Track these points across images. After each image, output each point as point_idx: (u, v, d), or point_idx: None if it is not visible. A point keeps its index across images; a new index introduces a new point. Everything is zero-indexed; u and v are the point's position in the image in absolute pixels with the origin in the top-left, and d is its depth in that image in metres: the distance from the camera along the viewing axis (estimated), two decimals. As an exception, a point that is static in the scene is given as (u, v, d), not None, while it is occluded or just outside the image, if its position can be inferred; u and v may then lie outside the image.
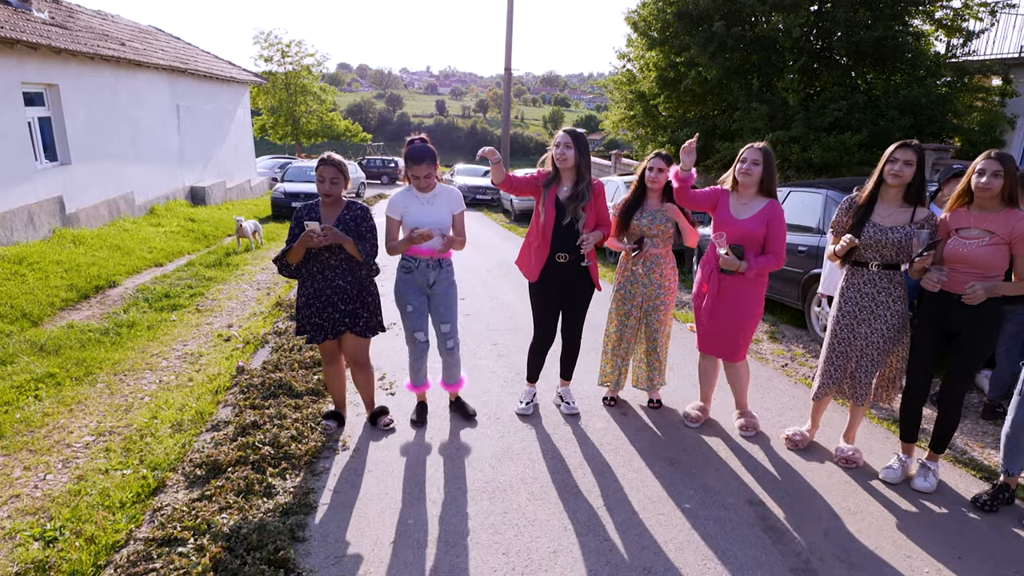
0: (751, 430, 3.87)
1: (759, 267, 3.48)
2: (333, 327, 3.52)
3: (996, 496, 3.10)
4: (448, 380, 3.95)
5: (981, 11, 9.74)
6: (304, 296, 3.52)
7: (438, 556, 2.68)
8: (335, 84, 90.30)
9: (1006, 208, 2.91)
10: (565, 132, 3.70)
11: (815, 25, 9.86)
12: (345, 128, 32.38)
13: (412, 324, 3.72)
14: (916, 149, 3.07)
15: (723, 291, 3.63)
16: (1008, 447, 3.06)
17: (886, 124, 8.87)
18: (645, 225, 3.84)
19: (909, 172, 3.06)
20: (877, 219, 3.18)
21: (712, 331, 3.74)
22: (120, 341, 5.54)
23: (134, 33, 14.05)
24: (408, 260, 3.63)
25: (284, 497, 3.04)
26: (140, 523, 2.86)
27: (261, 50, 28.76)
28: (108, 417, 4.08)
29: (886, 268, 3.21)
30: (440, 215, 3.56)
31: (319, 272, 3.45)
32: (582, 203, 3.63)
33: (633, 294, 3.97)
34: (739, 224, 3.52)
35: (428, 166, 3.44)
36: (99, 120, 10.96)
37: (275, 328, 5.72)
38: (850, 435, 3.58)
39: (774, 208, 3.51)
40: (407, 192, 3.59)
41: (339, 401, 3.86)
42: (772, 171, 3.53)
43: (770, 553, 2.74)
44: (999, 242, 2.88)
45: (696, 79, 10.30)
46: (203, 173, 15.59)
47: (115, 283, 7.65)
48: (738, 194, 3.61)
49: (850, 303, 3.33)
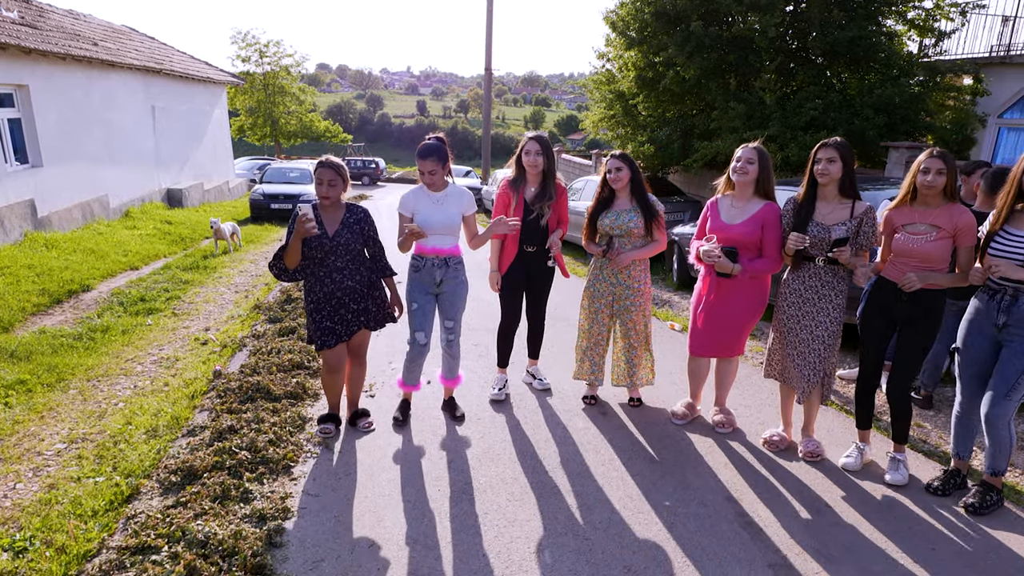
0: (728, 427, 3.91)
1: (753, 270, 3.49)
2: (347, 328, 3.53)
3: (948, 481, 3.21)
4: (447, 375, 3.97)
5: (952, 11, 9.92)
6: (312, 302, 3.49)
7: (418, 559, 2.66)
8: (314, 84, 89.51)
9: (948, 203, 3.05)
10: (534, 140, 3.88)
11: (791, 25, 9.97)
12: (325, 129, 32.11)
13: (415, 323, 3.73)
14: (836, 146, 3.23)
15: (721, 293, 3.62)
16: (956, 430, 3.22)
17: (861, 123, 8.99)
18: (608, 225, 3.87)
19: (834, 168, 3.22)
20: (819, 217, 3.32)
21: (709, 332, 3.72)
22: (94, 346, 5.43)
23: (107, 33, 13.80)
24: (416, 259, 3.67)
25: (262, 502, 3.00)
26: (113, 531, 2.80)
27: (239, 50, 28.43)
28: (81, 424, 4.00)
29: (831, 263, 3.33)
30: (449, 214, 3.59)
31: (326, 276, 3.43)
32: (548, 201, 3.93)
33: (601, 292, 4.00)
34: (731, 229, 3.52)
35: (433, 162, 3.48)
36: (71, 121, 10.75)
37: (253, 331, 5.65)
38: (809, 428, 3.65)
39: (771, 210, 3.48)
40: (419, 190, 3.63)
41: (335, 404, 3.80)
42: (768, 171, 3.53)
43: (749, 549, 2.76)
44: (945, 236, 3.03)
45: (674, 79, 10.37)
46: (180, 175, 15.36)
47: (89, 287, 7.51)
48: (734, 196, 3.60)
49: (794, 294, 3.44)
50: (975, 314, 3.07)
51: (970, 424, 3.17)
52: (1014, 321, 2.88)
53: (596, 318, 4.05)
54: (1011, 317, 2.89)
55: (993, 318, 2.96)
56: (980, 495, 3.08)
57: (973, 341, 3.07)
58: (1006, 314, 2.90)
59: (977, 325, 3.05)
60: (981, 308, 3.04)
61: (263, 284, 8.02)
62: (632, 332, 4.01)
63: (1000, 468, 3.06)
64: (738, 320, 3.67)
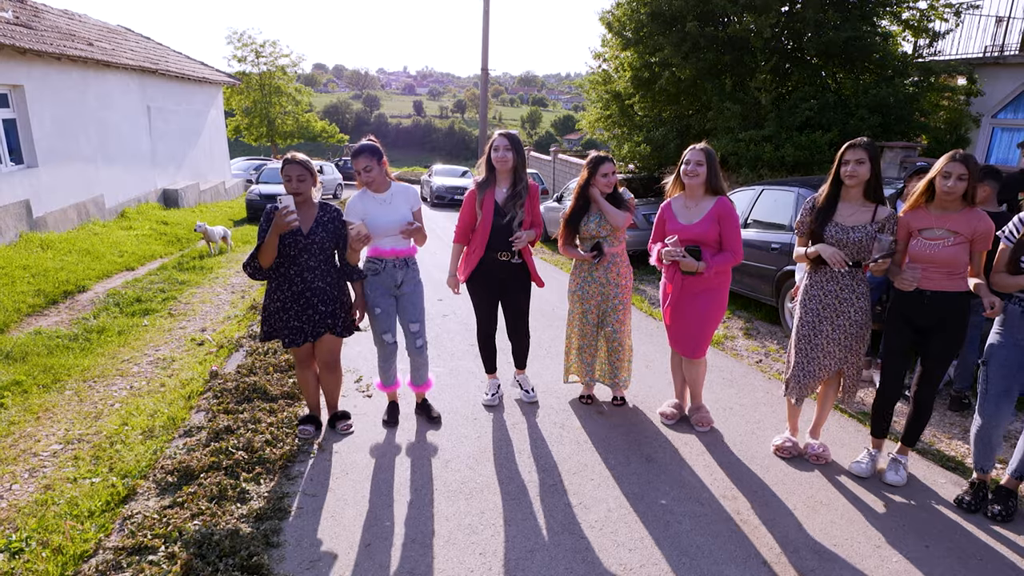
0: (704, 425, 3.91)
1: (717, 265, 3.52)
2: (313, 329, 3.47)
3: (977, 495, 3.09)
4: (416, 381, 3.93)
5: (946, 12, 9.97)
6: (279, 300, 3.43)
7: (415, 557, 2.67)
8: (311, 85, 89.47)
9: (967, 208, 2.97)
10: (503, 136, 3.77)
11: (786, 26, 10.00)
12: (322, 129, 32.07)
13: (380, 326, 3.71)
14: (865, 147, 3.10)
15: (686, 290, 3.67)
16: (979, 445, 3.08)
17: (856, 123, 9.03)
18: (593, 228, 3.85)
19: (863, 170, 3.10)
20: (839, 219, 3.22)
21: (677, 329, 3.79)
22: (90, 347, 5.42)
23: (102, 33, 13.77)
24: (374, 262, 3.61)
25: (258, 502, 3.00)
26: (109, 532, 2.80)
27: (234, 50, 28.33)
28: (77, 425, 3.99)
29: (850, 266, 3.23)
30: (401, 213, 3.57)
31: (297, 275, 3.39)
32: (520, 201, 3.78)
33: (590, 294, 3.97)
34: (691, 229, 3.57)
35: (366, 158, 3.48)
36: (67, 122, 10.72)
37: (249, 332, 5.65)
38: (816, 431, 3.63)
39: (723, 205, 3.56)
40: (363, 195, 3.58)
41: (314, 405, 3.81)
42: (716, 169, 3.59)
43: (745, 547, 2.77)
44: (963, 241, 2.94)
45: (670, 79, 10.39)
46: (176, 175, 15.33)
47: (85, 288, 7.49)
48: (686, 196, 3.66)
49: (814, 301, 3.34)
50: (1004, 326, 2.95)
51: (993, 439, 3.04)
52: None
53: (586, 319, 4.03)
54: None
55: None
56: (1004, 501, 3.01)
57: (1004, 355, 2.94)
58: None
59: (1008, 337, 2.93)
60: (1012, 320, 2.92)
61: (259, 284, 8.01)
62: (618, 333, 4.00)
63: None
64: (698, 315, 3.69)
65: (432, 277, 7.77)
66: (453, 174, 20.06)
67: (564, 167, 18.53)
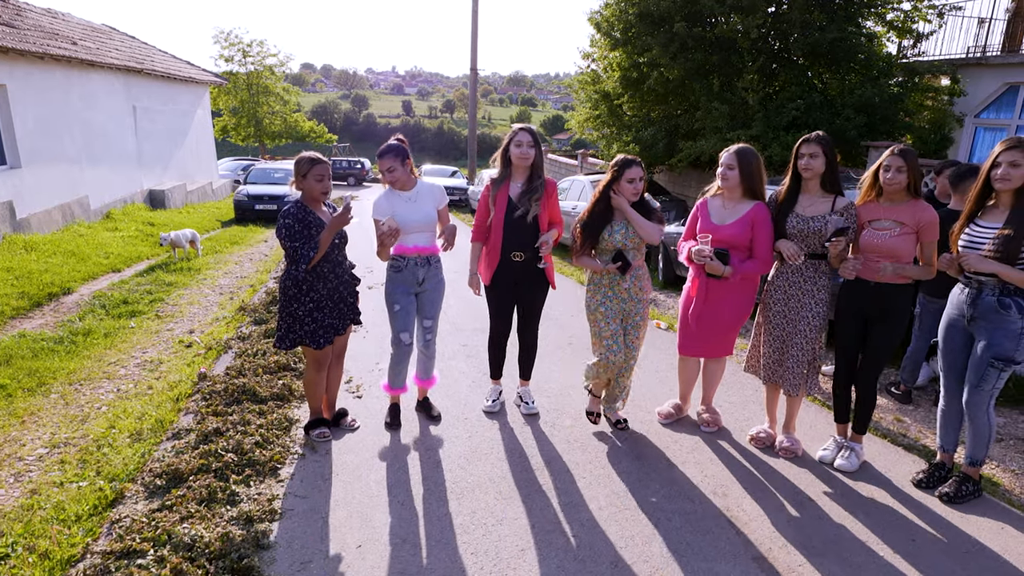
0: (714, 426, 3.93)
1: (744, 272, 3.48)
2: (342, 322, 3.57)
3: (932, 474, 3.29)
4: (422, 375, 3.94)
5: (930, 13, 10.10)
6: (312, 300, 3.37)
7: (406, 558, 2.67)
8: (299, 84, 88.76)
9: (911, 199, 3.15)
10: (525, 131, 3.66)
11: (772, 26, 10.08)
12: (310, 129, 31.92)
13: (399, 324, 3.70)
14: (818, 141, 3.29)
15: (711, 294, 3.61)
16: (940, 423, 3.31)
17: (842, 123, 9.12)
18: (619, 240, 3.57)
19: (816, 164, 3.29)
20: (799, 209, 3.38)
21: (699, 333, 3.71)
22: (75, 350, 5.37)
23: (86, 32, 13.61)
24: (397, 259, 3.61)
25: (248, 504, 2.99)
26: (97, 536, 2.77)
27: (221, 50, 28.18)
28: (63, 428, 3.95)
29: (812, 258, 3.38)
30: (426, 211, 3.59)
31: (330, 271, 3.44)
32: (536, 196, 3.67)
33: (615, 312, 3.65)
34: (722, 230, 3.49)
35: (391, 159, 3.49)
36: (50, 122, 10.59)
37: (239, 333, 5.61)
38: (790, 425, 3.69)
39: (759, 211, 3.45)
40: (389, 193, 3.60)
41: (318, 408, 3.72)
42: (750, 172, 3.45)
43: (734, 543, 2.80)
44: (908, 232, 3.13)
45: (658, 79, 10.45)
46: (162, 176, 15.19)
47: (70, 290, 7.40)
48: (724, 197, 3.60)
49: (779, 291, 3.49)
50: (950, 309, 3.17)
51: (952, 417, 3.26)
52: (980, 313, 2.97)
53: (616, 340, 3.62)
54: (977, 310, 2.98)
55: (963, 312, 3.05)
56: (956, 485, 3.17)
57: (949, 335, 3.18)
58: (973, 307, 3.00)
59: (952, 320, 3.15)
60: (954, 303, 3.14)
61: (248, 286, 7.96)
62: (636, 348, 3.75)
63: (978, 458, 3.13)
64: (727, 321, 3.66)
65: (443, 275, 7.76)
66: (443, 174, 20.04)
67: (554, 167, 18.56)
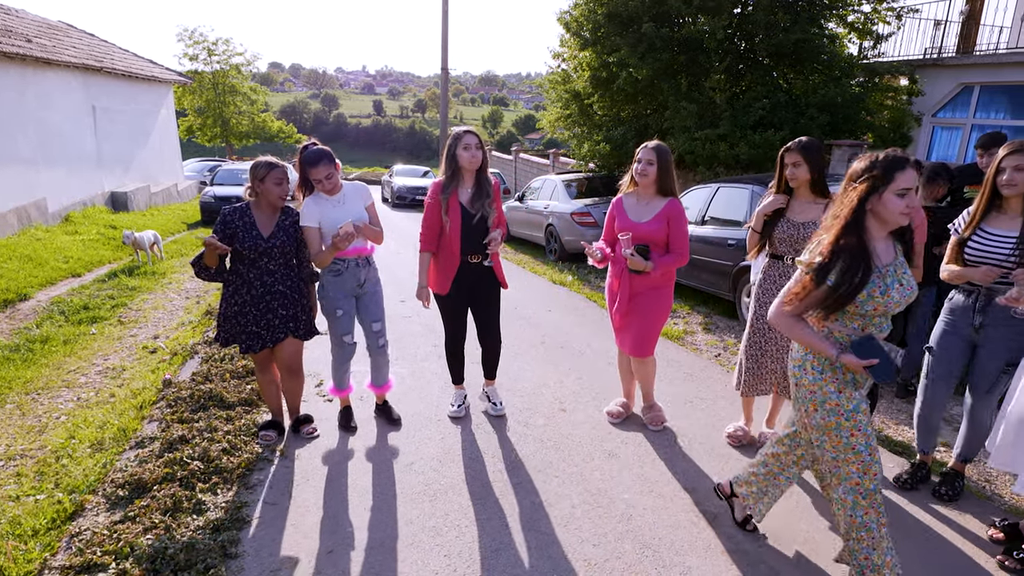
0: (657, 424, 3.90)
1: (664, 266, 3.53)
2: (272, 334, 3.42)
3: (915, 475, 3.27)
4: (377, 381, 3.88)
5: (888, 15, 10.37)
6: (237, 304, 3.36)
7: (379, 562, 2.64)
8: (267, 84, 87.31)
9: None
10: (473, 133, 3.59)
11: (738, 27, 10.24)
12: (279, 129, 31.34)
13: (341, 328, 3.65)
14: (798, 149, 3.23)
15: (634, 289, 3.65)
16: (921, 427, 3.26)
17: (806, 122, 9.31)
18: (896, 299, 2.76)
19: (800, 172, 3.23)
20: (791, 215, 3.31)
21: (625, 329, 3.77)
22: (32, 358, 5.19)
23: (42, 29, 13.17)
24: (337, 262, 3.53)
25: (215, 513, 2.92)
26: (56, 551, 2.68)
27: (185, 48, 27.43)
28: (19, 440, 3.81)
29: None
30: (356, 211, 3.51)
31: (256, 279, 3.34)
32: (488, 200, 3.62)
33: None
34: (639, 227, 3.54)
35: (327, 166, 3.36)
36: (4, 122, 10.21)
37: (205, 338, 5.48)
38: (772, 421, 3.73)
39: (673, 206, 3.53)
40: (316, 198, 3.47)
41: (276, 409, 3.73)
42: (667, 169, 3.52)
43: (706, 537, 2.83)
44: None
45: (627, 79, 10.52)
46: (124, 177, 14.77)
47: (26, 296, 7.16)
48: (638, 194, 3.64)
49: (768, 294, 3.43)
50: (951, 315, 3.07)
51: (933, 421, 3.20)
52: (990, 321, 2.90)
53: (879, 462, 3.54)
54: (987, 317, 2.91)
55: (970, 319, 2.97)
56: (951, 482, 3.16)
57: (948, 341, 3.06)
58: (982, 314, 2.92)
59: (953, 325, 3.04)
60: (957, 309, 3.02)
61: (215, 289, 7.79)
62: None
63: (972, 455, 3.15)
64: (645, 314, 3.67)
65: (396, 277, 7.70)
66: (414, 174, 19.90)
67: (526, 166, 18.58)
